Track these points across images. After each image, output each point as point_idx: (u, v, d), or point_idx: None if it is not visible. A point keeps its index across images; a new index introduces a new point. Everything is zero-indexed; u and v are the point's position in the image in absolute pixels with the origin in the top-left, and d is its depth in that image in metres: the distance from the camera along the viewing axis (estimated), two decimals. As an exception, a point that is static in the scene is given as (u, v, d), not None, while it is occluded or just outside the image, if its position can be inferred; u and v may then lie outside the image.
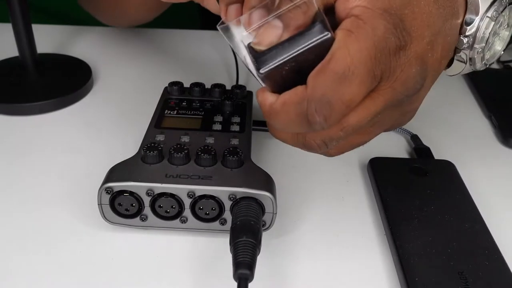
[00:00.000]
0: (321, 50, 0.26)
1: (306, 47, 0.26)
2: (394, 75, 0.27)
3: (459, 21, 0.31)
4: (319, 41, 0.26)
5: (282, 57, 0.26)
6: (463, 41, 0.31)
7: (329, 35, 0.26)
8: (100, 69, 0.56)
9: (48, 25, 0.65)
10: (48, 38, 0.62)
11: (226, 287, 0.31)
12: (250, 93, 0.45)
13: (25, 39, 0.50)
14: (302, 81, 0.27)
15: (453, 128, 0.48)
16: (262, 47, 0.27)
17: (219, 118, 0.41)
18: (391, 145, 0.45)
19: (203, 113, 0.41)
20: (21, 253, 0.33)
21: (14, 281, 0.31)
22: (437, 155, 0.43)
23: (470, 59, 0.32)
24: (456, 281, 0.31)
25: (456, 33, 0.31)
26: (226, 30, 0.28)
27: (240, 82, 0.53)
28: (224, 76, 0.55)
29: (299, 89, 0.26)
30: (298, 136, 0.30)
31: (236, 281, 0.28)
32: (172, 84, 0.44)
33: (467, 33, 0.31)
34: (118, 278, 0.32)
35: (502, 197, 0.40)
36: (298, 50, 0.26)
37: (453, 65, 0.33)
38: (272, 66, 0.27)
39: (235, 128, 0.40)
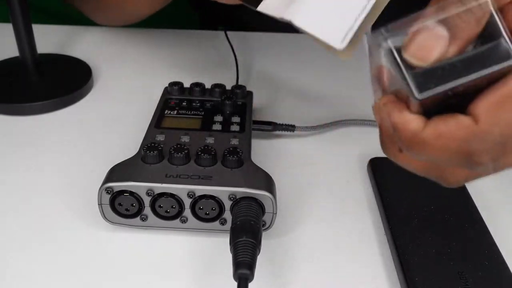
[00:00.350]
0: (499, 75, 0.21)
1: (485, 73, 0.21)
2: None
3: None
4: (503, 66, 0.20)
5: (449, 83, 0.21)
6: None
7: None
8: (100, 69, 0.56)
9: (48, 25, 0.65)
10: (48, 38, 0.62)
11: (226, 287, 0.31)
12: (250, 93, 0.45)
13: (25, 39, 0.50)
14: (459, 103, 0.21)
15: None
16: (422, 63, 0.21)
17: (219, 118, 0.41)
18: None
19: (203, 113, 0.41)
20: (21, 253, 0.33)
21: (14, 281, 0.31)
22: (437, 155, 0.43)
23: None
24: (456, 281, 0.31)
25: None
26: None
27: (240, 82, 0.53)
28: (224, 76, 0.55)
29: (463, 121, 0.21)
30: (432, 171, 0.26)
31: (236, 281, 0.28)
32: (172, 84, 0.44)
33: None
34: (118, 278, 0.32)
35: (502, 197, 0.40)
36: (472, 76, 0.21)
37: None
38: (436, 92, 0.21)
39: (235, 128, 0.40)
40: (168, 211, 0.34)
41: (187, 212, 0.34)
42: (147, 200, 0.33)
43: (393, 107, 0.23)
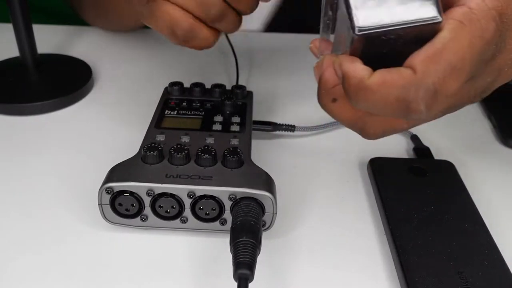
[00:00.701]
0: (424, 33, 0.24)
1: (414, 24, 0.24)
2: (476, 81, 0.27)
3: None
4: (429, 22, 0.24)
5: (386, 24, 0.24)
6: None
7: (441, 20, 0.24)
8: (100, 69, 0.56)
9: (48, 25, 0.65)
10: (48, 38, 0.62)
11: (226, 287, 0.31)
12: (250, 93, 0.45)
13: (25, 39, 0.50)
14: (393, 60, 0.24)
15: (453, 128, 0.48)
16: None
17: (219, 118, 0.41)
18: (391, 145, 0.45)
19: (203, 113, 0.42)
20: (21, 253, 0.33)
21: (14, 281, 0.31)
22: (436, 155, 0.43)
23: None
24: (456, 281, 0.31)
25: None
26: None
27: (240, 82, 0.54)
28: (224, 76, 0.55)
29: (404, 71, 0.24)
30: (358, 121, 0.29)
31: (236, 281, 0.28)
32: (172, 84, 0.44)
33: None
34: (118, 278, 0.32)
35: (502, 197, 0.40)
36: (405, 23, 0.24)
37: None
38: (373, 31, 0.24)
39: (235, 128, 0.40)
40: (168, 211, 0.34)
41: (187, 212, 0.34)
42: (147, 200, 0.33)
43: (346, 58, 0.26)
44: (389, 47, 0.25)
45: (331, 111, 0.29)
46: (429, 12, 0.24)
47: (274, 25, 0.95)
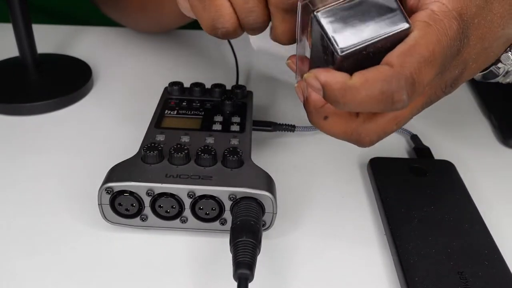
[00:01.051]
0: (397, 39, 0.27)
1: (388, 35, 0.27)
2: (445, 74, 0.30)
3: (510, 37, 0.32)
4: (400, 30, 0.27)
5: (363, 40, 0.27)
6: (510, 57, 0.33)
7: (409, 26, 0.27)
8: (100, 69, 0.56)
9: (48, 25, 0.65)
10: (48, 38, 0.62)
11: (226, 287, 0.31)
12: (250, 93, 0.45)
13: (25, 39, 0.50)
14: (367, 64, 0.27)
15: (453, 128, 0.48)
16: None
17: (219, 118, 0.41)
18: (391, 145, 0.45)
19: (203, 113, 0.42)
20: (21, 253, 0.33)
21: (14, 281, 0.31)
22: (437, 155, 0.43)
23: (507, 72, 0.34)
24: (456, 281, 0.31)
25: (503, 49, 0.33)
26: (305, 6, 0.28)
27: (240, 82, 0.54)
28: (224, 76, 0.55)
29: (382, 67, 0.26)
30: (353, 133, 0.31)
31: (236, 281, 0.28)
32: (172, 84, 0.44)
33: None
34: (118, 278, 0.32)
35: (502, 197, 0.40)
36: (380, 36, 0.27)
37: (485, 73, 0.35)
38: (354, 49, 0.27)
39: (235, 128, 0.40)
40: (168, 211, 0.34)
41: (187, 212, 0.34)
42: (147, 200, 0.33)
43: (320, 71, 0.27)
44: (367, 56, 0.27)
45: (324, 128, 0.31)
46: (398, 22, 0.27)
47: None
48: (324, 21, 0.27)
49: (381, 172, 0.40)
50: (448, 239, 0.34)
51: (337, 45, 0.27)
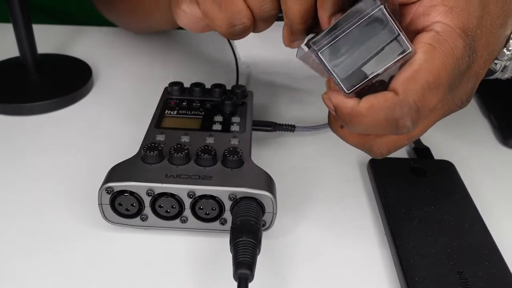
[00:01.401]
0: (402, 63, 0.27)
1: (391, 63, 0.28)
2: (457, 91, 0.30)
3: (508, 33, 0.32)
4: (403, 56, 0.27)
5: (367, 78, 0.28)
6: (505, 53, 0.33)
7: (412, 50, 0.27)
8: (100, 69, 0.56)
9: (48, 25, 0.65)
10: (48, 38, 0.62)
11: (226, 287, 0.31)
12: (250, 93, 0.45)
13: (25, 39, 0.50)
14: (377, 86, 0.28)
15: (453, 128, 0.48)
16: None
17: (219, 118, 0.41)
18: (391, 145, 0.45)
19: (203, 113, 0.42)
20: (21, 253, 0.33)
21: (14, 281, 0.31)
22: (436, 155, 0.43)
23: (505, 67, 0.34)
24: (456, 281, 0.31)
25: (502, 46, 0.33)
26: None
27: (240, 82, 0.54)
28: (224, 76, 0.55)
29: (388, 94, 0.27)
30: (365, 144, 0.32)
31: (236, 281, 0.28)
32: (172, 84, 0.44)
33: (510, 48, 0.33)
34: (118, 278, 0.32)
35: (502, 197, 0.40)
36: (383, 67, 0.28)
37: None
38: (358, 86, 0.28)
39: (235, 128, 0.40)
40: (168, 211, 0.34)
41: (187, 212, 0.34)
42: (147, 200, 0.33)
43: (332, 94, 0.29)
44: (375, 82, 0.29)
45: (340, 135, 0.33)
46: (400, 49, 0.27)
47: None
48: (328, 63, 0.28)
49: (381, 172, 0.40)
50: (448, 239, 0.34)
51: (343, 87, 0.28)
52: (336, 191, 0.40)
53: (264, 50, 0.31)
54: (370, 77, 0.28)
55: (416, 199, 0.37)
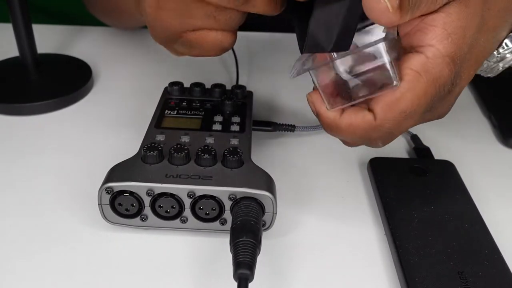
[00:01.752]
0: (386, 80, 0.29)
1: (375, 94, 0.29)
2: (435, 111, 0.32)
3: (502, 36, 0.33)
4: (387, 90, 0.29)
5: (355, 101, 0.30)
6: (494, 55, 0.34)
7: (397, 84, 0.28)
8: (100, 69, 0.56)
9: (48, 25, 0.65)
10: (48, 38, 0.62)
11: (226, 287, 0.31)
12: (250, 93, 0.45)
13: (25, 39, 0.50)
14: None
15: (453, 128, 0.48)
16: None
17: (219, 118, 0.41)
18: (391, 145, 0.45)
19: (203, 113, 0.42)
20: (21, 253, 0.33)
21: (14, 281, 0.31)
22: (437, 155, 0.43)
23: (491, 68, 0.36)
24: (456, 281, 0.31)
25: (493, 50, 0.34)
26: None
27: (240, 82, 0.54)
28: (224, 76, 0.55)
29: (367, 117, 0.29)
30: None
31: (236, 281, 0.28)
32: (172, 84, 0.44)
33: (501, 51, 0.34)
34: (118, 278, 0.32)
35: (502, 197, 0.40)
36: (367, 96, 0.30)
37: None
38: (342, 106, 0.30)
39: (235, 128, 0.40)
40: (168, 211, 0.34)
41: (187, 212, 0.34)
42: (147, 200, 0.33)
43: (316, 100, 0.31)
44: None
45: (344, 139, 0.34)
46: (387, 81, 0.28)
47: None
48: (318, 85, 0.31)
49: (381, 172, 0.40)
50: (448, 239, 0.34)
51: (327, 105, 0.31)
52: (336, 191, 0.40)
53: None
54: (353, 101, 0.30)
55: (416, 199, 0.37)
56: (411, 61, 0.28)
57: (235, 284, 0.28)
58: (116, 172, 0.34)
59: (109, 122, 0.47)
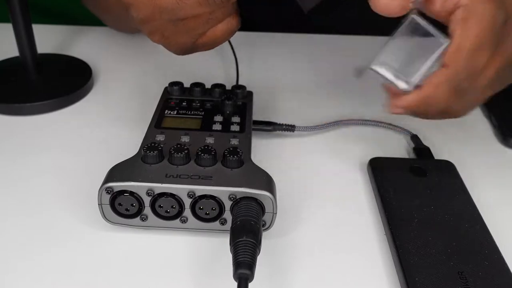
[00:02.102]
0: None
1: (434, 59, 0.33)
2: (505, 43, 0.33)
3: None
4: (443, 48, 0.32)
5: (422, 70, 0.33)
6: None
7: (448, 42, 0.32)
8: (100, 69, 0.56)
9: (48, 25, 0.65)
10: (48, 38, 0.62)
11: (226, 287, 0.31)
12: (250, 93, 0.45)
13: (25, 39, 0.50)
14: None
15: (453, 128, 0.48)
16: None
17: (219, 118, 0.41)
18: (391, 145, 0.45)
19: (203, 113, 0.42)
20: (21, 253, 0.33)
21: (14, 281, 0.31)
22: (437, 155, 0.43)
23: None
24: (456, 281, 0.31)
25: None
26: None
27: (240, 82, 0.53)
28: (224, 76, 0.55)
29: (440, 70, 0.32)
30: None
31: (236, 281, 0.28)
32: (172, 84, 0.44)
33: None
34: (118, 278, 0.32)
35: (502, 197, 0.40)
36: (432, 60, 0.33)
37: None
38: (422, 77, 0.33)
39: (235, 128, 0.40)
40: (168, 211, 0.34)
41: (187, 212, 0.34)
42: (147, 200, 0.33)
43: (395, 100, 0.34)
44: None
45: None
46: (439, 45, 0.32)
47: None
48: (385, 70, 0.34)
49: (381, 172, 0.40)
50: (448, 239, 0.34)
51: (408, 88, 0.34)
52: (336, 191, 0.40)
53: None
54: (425, 69, 0.33)
55: (416, 199, 0.37)
56: (454, 16, 0.31)
57: (235, 284, 0.28)
58: (116, 172, 0.34)
59: (109, 122, 0.47)
